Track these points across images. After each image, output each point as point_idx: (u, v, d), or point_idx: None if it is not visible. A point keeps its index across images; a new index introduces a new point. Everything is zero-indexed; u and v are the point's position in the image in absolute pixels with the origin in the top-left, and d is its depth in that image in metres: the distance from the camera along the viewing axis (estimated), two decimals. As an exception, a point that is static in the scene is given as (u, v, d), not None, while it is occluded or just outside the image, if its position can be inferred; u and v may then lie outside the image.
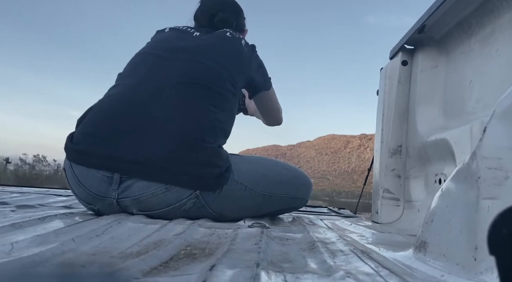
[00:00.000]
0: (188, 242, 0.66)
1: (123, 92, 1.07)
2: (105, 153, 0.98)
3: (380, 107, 1.49)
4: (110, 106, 1.05)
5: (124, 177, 0.98)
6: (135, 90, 1.06)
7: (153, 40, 1.26)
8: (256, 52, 1.32)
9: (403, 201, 1.38)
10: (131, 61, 1.19)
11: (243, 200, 1.09)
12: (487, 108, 1.01)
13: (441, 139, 1.14)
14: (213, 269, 0.45)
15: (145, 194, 0.98)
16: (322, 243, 0.72)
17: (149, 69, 1.11)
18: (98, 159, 0.98)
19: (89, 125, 1.03)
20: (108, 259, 0.49)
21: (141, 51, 1.21)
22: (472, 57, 1.14)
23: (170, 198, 1.00)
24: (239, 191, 1.07)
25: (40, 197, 1.43)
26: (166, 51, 1.15)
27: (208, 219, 1.01)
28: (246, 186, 1.08)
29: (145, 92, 1.05)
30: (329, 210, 2.22)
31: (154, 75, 1.09)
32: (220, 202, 1.05)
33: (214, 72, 1.12)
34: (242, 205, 1.09)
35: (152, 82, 1.07)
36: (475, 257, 0.44)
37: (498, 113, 0.48)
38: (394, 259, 0.59)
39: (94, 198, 1.00)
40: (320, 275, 0.47)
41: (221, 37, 1.24)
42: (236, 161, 1.10)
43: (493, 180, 0.46)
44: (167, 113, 1.02)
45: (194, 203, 1.02)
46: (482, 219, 0.45)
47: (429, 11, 1.21)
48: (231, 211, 1.08)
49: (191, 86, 1.06)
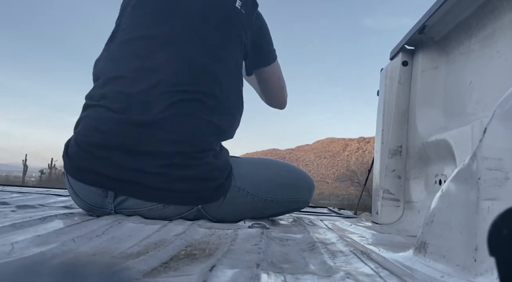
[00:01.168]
0: (188, 243, 0.66)
1: (112, 103, 0.98)
2: (97, 170, 0.94)
3: (380, 108, 1.49)
4: (100, 120, 0.97)
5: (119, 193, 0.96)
6: (123, 104, 0.97)
7: (134, 21, 1.09)
8: (256, 11, 1.17)
9: (403, 201, 1.38)
10: (111, 49, 1.07)
11: (244, 205, 1.06)
12: (487, 109, 1.01)
13: (441, 140, 1.14)
14: (213, 270, 0.45)
15: (142, 209, 0.96)
16: (322, 244, 0.72)
17: (134, 73, 1.00)
18: (91, 176, 0.95)
19: (82, 138, 0.97)
20: (109, 259, 0.49)
21: (121, 39, 1.07)
22: (472, 58, 1.14)
23: (168, 212, 0.98)
24: (241, 197, 1.05)
25: (40, 197, 1.43)
26: (148, 47, 1.02)
27: (208, 220, 1.01)
28: (247, 192, 1.05)
29: (134, 106, 0.96)
30: (329, 210, 2.22)
31: (140, 81, 0.98)
32: (222, 209, 1.03)
33: (202, 67, 1.02)
34: (243, 210, 1.07)
35: (139, 92, 0.97)
36: (475, 258, 0.44)
37: (499, 114, 0.48)
38: (394, 260, 0.59)
39: (91, 208, 0.99)
40: (320, 276, 0.47)
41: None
42: (237, 164, 1.07)
43: (493, 180, 0.46)
44: (155, 129, 0.95)
45: (195, 215, 1.01)
46: (482, 220, 0.45)
47: (429, 12, 1.21)
48: (233, 216, 1.06)
49: (178, 95, 0.97)
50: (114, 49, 1.08)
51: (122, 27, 1.10)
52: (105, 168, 0.94)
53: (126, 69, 1.01)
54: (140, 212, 0.96)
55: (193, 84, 1.00)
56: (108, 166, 0.94)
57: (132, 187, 0.94)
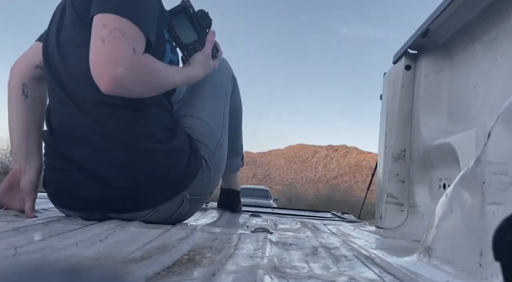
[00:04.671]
0: (191, 247, 0.66)
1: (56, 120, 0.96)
2: (72, 194, 0.92)
3: (383, 112, 1.49)
4: (55, 138, 0.95)
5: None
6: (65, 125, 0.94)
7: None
8: None
9: (407, 206, 1.37)
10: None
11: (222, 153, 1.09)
12: (491, 113, 1.00)
13: (445, 144, 1.13)
14: (216, 274, 0.45)
15: (135, 220, 0.93)
16: (325, 248, 0.72)
17: (54, 86, 0.95)
18: (69, 199, 0.94)
19: (49, 162, 0.97)
20: (112, 263, 0.49)
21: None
22: (476, 61, 1.14)
23: (162, 214, 0.97)
24: (218, 149, 1.07)
25: (43, 201, 1.44)
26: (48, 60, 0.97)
27: (211, 225, 1.01)
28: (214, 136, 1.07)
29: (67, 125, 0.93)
30: (333, 215, 2.22)
31: (61, 96, 0.93)
32: (212, 176, 1.05)
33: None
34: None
35: (63, 107, 0.93)
36: (480, 263, 0.44)
37: (503, 118, 0.48)
38: (398, 265, 0.58)
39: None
40: (324, 280, 0.47)
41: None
42: (186, 124, 1.04)
43: (498, 185, 0.46)
44: (89, 147, 0.90)
45: (190, 203, 1.01)
46: (487, 224, 0.44)
47: (433, 16, 1.21)
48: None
49: (87, 100, 0.90)
50: None
51: None
52: (79, 191, 0.92)
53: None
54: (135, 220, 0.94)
55: None
56: (80, 188, 0.91)
57: (110, 205, 0.91)
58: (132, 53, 0.79)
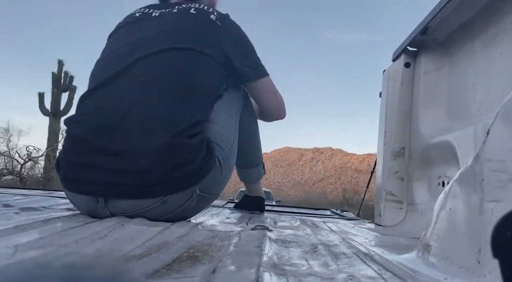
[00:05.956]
0: (191, 245, 0.66)
1: (92, 109, 1.02)
2: (84, 178, 0.94)
3: (382, 110, 1.49)
4: (83, 127, 0.99)
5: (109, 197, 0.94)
6: (102, 110, 1.00)
7: (109, 46, 1.16)
8: (229, 24, 1.17)
9: (406, 203, 1.37)
10: (95, 71, 1.12)
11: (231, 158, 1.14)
12: (490, 111, 1.00)
13: (444, 141, 1.13)
14: (216, 272, 0.45)
15: (141, 211, 0.94)
16: (325, 246, 0.72)
17: (109, 83, 1.03)
18: (78, 184, 0.95)
19: (68, 146, 0.99)
20: (111, 261, 0.50)
21: (101, 57, 1.14)
22: (475, 59, 1.14)
23: (169, 206, 0.97)
24: (231, 153, 1.13)
25: (44, 199, 1.44)
26: (117, 60, 1.06)
27: (211, 223, 1.01)
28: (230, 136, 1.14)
29: (112, 111, 0.98)
30: (332, 212, 2.22)
31: (115, 90, 1.02)
32: (223, 177, 1.09)
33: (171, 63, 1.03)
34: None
35: (115, 100, 1.00)
36: (479, 260, 0.44)
37: (502, 116, 0.48)
38: (397, 262, 0.59)
39: (90, 213, 0.98)
40: (323, 278, 0.47)
41: (184, 14, 1.13)
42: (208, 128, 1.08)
43: (497, 182, 0.46)
44: (132, 129, 0.95)
45: (197, 200, 1.01)
46: (486, 222, 0.44)
47: (432, 13, 1.21)
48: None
49: (151, 92, 0.99)
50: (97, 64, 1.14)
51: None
52: (91, 174, 0.93)
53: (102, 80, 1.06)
54: (140, 213, 0.95)
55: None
56: (93, 171, 0.93)
57: (120, 189, 0.92)
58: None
